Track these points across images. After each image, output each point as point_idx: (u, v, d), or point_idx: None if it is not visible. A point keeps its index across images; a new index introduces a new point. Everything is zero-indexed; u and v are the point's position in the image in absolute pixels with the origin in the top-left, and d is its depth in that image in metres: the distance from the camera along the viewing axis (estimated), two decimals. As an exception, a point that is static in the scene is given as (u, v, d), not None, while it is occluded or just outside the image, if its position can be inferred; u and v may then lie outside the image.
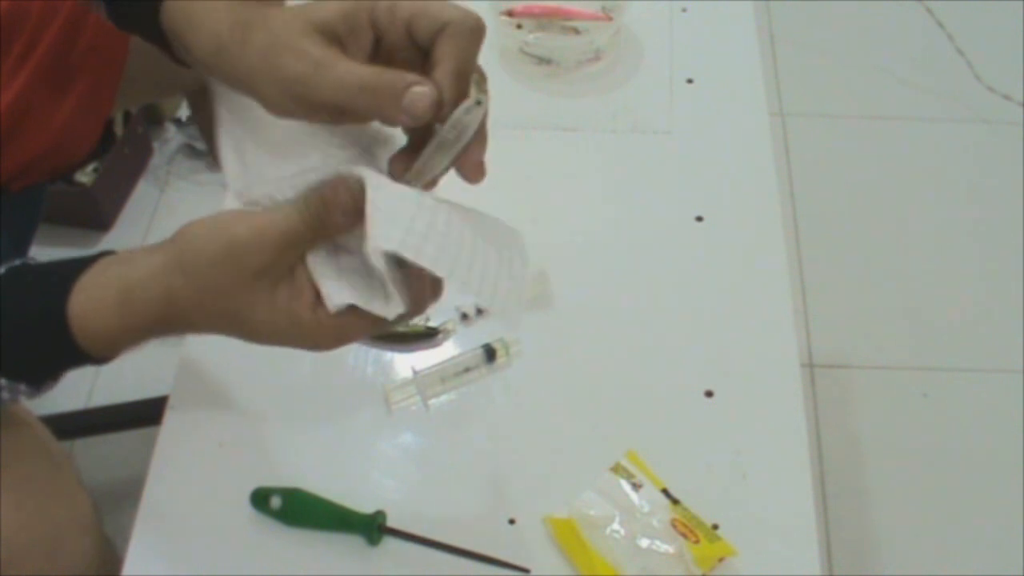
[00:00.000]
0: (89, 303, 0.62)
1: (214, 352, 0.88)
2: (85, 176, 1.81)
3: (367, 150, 0.66)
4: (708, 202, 0.97)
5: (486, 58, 0.53)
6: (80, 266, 0.64)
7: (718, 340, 0.88)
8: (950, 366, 1.69)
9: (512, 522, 0.77)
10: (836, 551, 1.49)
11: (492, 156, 1.01)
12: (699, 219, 0.96)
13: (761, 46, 1.11)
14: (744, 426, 0.82)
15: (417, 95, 0.56)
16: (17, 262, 0.67)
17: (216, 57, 0.61)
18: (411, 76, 0.56)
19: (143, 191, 1.95)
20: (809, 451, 0.81)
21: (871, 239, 1.87)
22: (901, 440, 1.61)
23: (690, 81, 1.08)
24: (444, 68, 0.57)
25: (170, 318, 0.62)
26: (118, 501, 0.95)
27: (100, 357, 0.65)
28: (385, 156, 0.64)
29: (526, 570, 0.74)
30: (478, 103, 0.58)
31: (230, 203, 0.64)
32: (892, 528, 1.51)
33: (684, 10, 1.15)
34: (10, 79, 0.93)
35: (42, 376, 0.68)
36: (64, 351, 0.64)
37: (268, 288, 0.59)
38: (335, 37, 0.58)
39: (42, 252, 1.89)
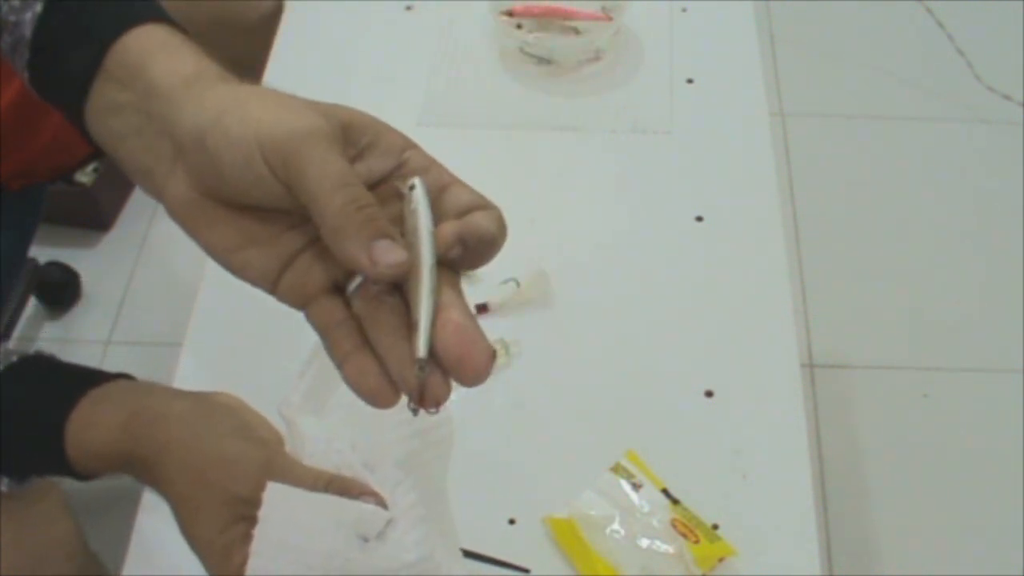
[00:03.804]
0: (96, 414, 0.63)
1: (214, 354, 0.88)
2: (85, 176, 1.81)
3: (408, 461, 0.67)
4: (708, 202, 0.97)
5: (486, 58, 0.53)
6: (98, 378, 0.65)
7: (718, 340, 0.88)
8: (950, 366, 1.69)
9: (512, 522, 0.77)
10: (836, 551, 1.49)
11: (492, 156, 1.01)
12: (699, 219, 0.96)
13: (761, 46, 1.11)
14: (744, 426, 0.82)
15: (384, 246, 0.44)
16: (31, 353, 0.67)
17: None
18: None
19: (143, 191, 1.95)
20: (809, 451, 0.81)
21: (871, 239, 1.87)
22: (901, 440, 1.61)
23: (690, 81, 1.08)
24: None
25: (150, 463, 0.62)
26: (117, 501, 0.95)
27: (83, 472, 0.65)
28: (417, 479, 0.66)
29: (526, 570, 0.74)
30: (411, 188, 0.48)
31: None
32: (892, 528, 1.51)
33: (684, 10, 1.15)
34: (10, 78, 0.93)
35: (22, 473, 0.68)
36: (53, 456, 0.63)
37: (231, 515, 0.60)
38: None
39: (42, 252, 1.89)
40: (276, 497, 0.59)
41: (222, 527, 0.60)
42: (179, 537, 0.75)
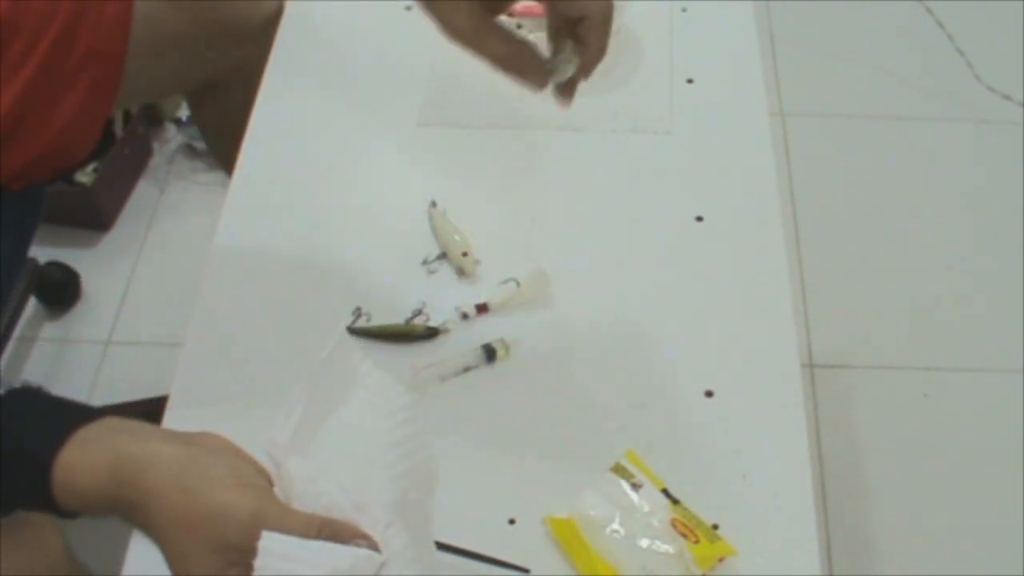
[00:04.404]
0: (83, 457, 0.62)
1: (214, 352, 0.88)
2: (85, 176, 1.81)
3: (398, 503, 0.68)
4: (708, 202, 0.97)
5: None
6: (85, 416, 0.64)
7: (718, 340, 0.88)
8: (950, 366, 1.69)
9: (512, 522, 0.77)
10: (836, 551, 1.49)
11: (492, 156, 1.01)
12: (699, 219, 0.96)
13: (761, 46, 1.11)
14: (744, 426, 0.82)
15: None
16: (18, 386, 0.66)
17: None
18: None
19: (143, 191, 1.95)
20: (809, 451, 0.81)
21: (871, 239, 1.87)
22: (901, 440, 1.61)
23: (690, 81, 1.08)
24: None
25: (139, 508, 0.62)
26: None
27: (68, 511, 0.64)
28: (407, 520, 0.66)
29: (526, 570, 0.74)
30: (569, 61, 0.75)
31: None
32: (892, 528, 1.51)
33: (684, 10, 1.15)
34: (10, 80, 0.92)
35: (12, 509, 0.67)
36: (39, 495, 0.63)
37: (223, 562, 0.60)
38: None
39: (42, 252, 1.89)
40: (271, 546, 0.59)
41: (214, 573, 0.60)
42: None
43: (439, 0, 0.73)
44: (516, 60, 0.73)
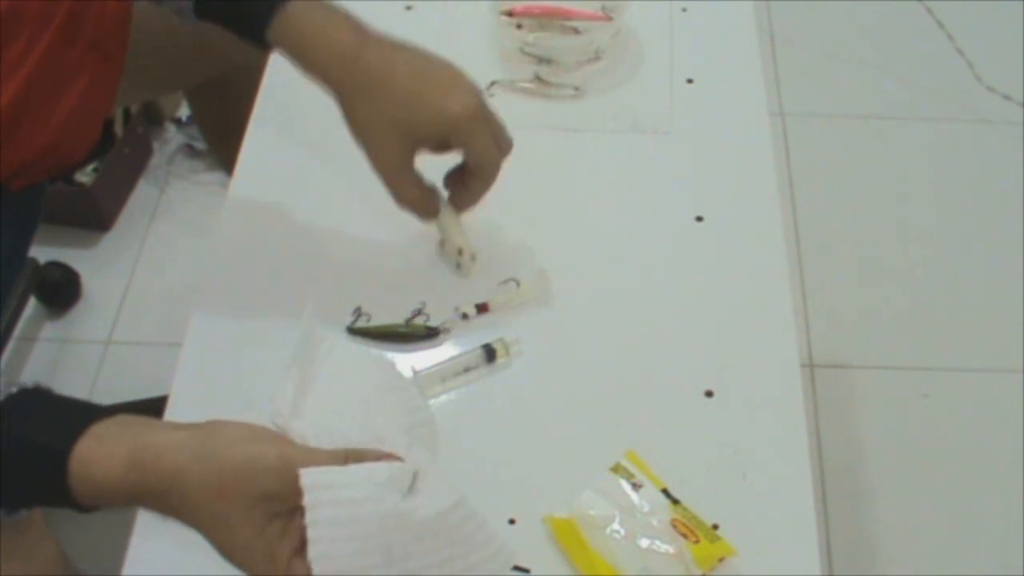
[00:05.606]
0: (99, 449, 0.62)
1: (214, 352, 0.88)
2: (85, 176, 1.81)
3: (409, 432, 0.71)
4: (708, 202, 0.97)
5: (486, 58, 0.52)
6: (97, 413, 0.64)
7: (718, 340, 0.88)
8: (950, 366, 1.69)
9: (512, 522, 0.77)
10: (836, 551, 1.49)
11: (492, 156, 1.01)
12: (699, 219, 0.96)
13: (761, 46, 1.11)
14: (744, 426, 0.82)
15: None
16: (29, 385, 0.67)
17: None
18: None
19: (143, 191, 1.95)
20: (809, 451, 0.81)
21: (871, 239, 1.87)
22: (901, 440, 1.61)
23: (690, 81, 1.08)
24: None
25: (165, 493, 0.62)
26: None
27: (85, 505, 0.64)
28: (423, 446, 0.69)
29: (526, 570, 0.74)
30: None
31: (249, 416, 0.66)
32: (892, 528, 1.52)
33: (684, 10, 1.15)
34: (9, 78, 0.92)
35: (20, 505, 0.67)
36: (55, 488, 0.63)
37: (263, 515, 0.60)
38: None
39: (42, 252, 1.89)
40: (314, 480, 0.60)
41: (258, 529, 0.60)
42: (179, 538, 0.75)
43: (372, 136, 0.79)
44: (419, 203, 0.84)
